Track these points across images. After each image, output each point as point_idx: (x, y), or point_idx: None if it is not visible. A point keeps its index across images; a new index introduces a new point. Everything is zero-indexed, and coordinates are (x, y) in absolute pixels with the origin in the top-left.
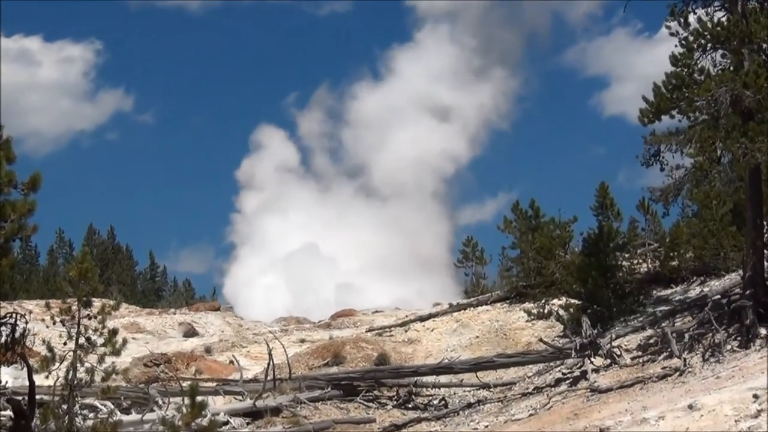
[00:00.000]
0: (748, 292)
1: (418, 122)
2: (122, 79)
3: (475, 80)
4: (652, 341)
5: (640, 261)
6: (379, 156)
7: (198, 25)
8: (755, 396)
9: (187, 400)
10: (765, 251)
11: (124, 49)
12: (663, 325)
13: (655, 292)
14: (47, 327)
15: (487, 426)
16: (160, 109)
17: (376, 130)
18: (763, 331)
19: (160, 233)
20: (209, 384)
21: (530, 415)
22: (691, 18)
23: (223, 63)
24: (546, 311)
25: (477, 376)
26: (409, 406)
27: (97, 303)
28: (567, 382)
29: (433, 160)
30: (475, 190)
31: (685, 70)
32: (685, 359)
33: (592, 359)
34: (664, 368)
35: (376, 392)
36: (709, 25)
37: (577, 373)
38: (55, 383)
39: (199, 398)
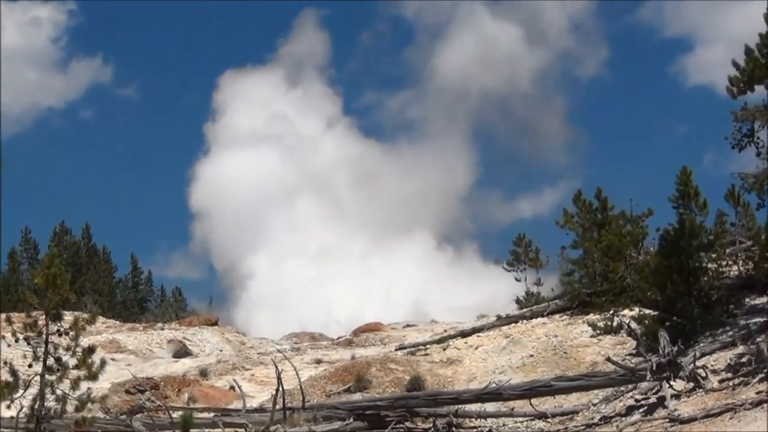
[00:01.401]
0: None
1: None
2: (99, 45)
3: None
4: (744, 360)
5: (730, 263)
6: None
7: None
8: None
9: None
10: None
11: (101, 9)
12: (758, 340)
13: (747, 300)
14: (8, 346)
15: None
16: (144, 81)
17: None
18: None
19: (144, 232)
20: (205, 414)
21: None
22: None
23: (221, 25)
24: (615, 324)
25: (531, 404)
26: None
27: (68, 316)
28: (641, 410)
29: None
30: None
31: None
32: None
33: (672, 382)
34: (758, 393)
35: (408, 424)
36: None
37: (653, 399)
38: (18, 414)
39: (193, 431)
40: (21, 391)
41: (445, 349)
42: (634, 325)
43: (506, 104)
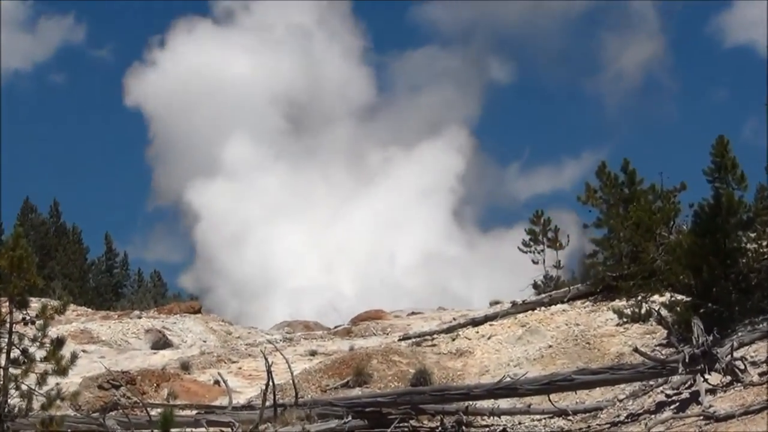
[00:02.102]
0: None
1: None
2: (71, 2)
3: None
4: None
5: None
6: None
7: None
8: None
9: None
10: None
11: None
12: None
13: None
14: None
15: None
16: (120, 42)
17: None
18: None
19: (121, 209)
20: (187, 412)
21: None
22: None
23: None
24: (643, 311)
25: (550, 400)
26: None
27: (35, 304)
28: (673, 406)
29: None
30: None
31: None
32: None
33: (707, 376)
34: None
35: (413, 422)
36: None
37: (686, 394)
38: None
39: (174, 431)
40: None
41: (454, 339)
42: (664, 312)
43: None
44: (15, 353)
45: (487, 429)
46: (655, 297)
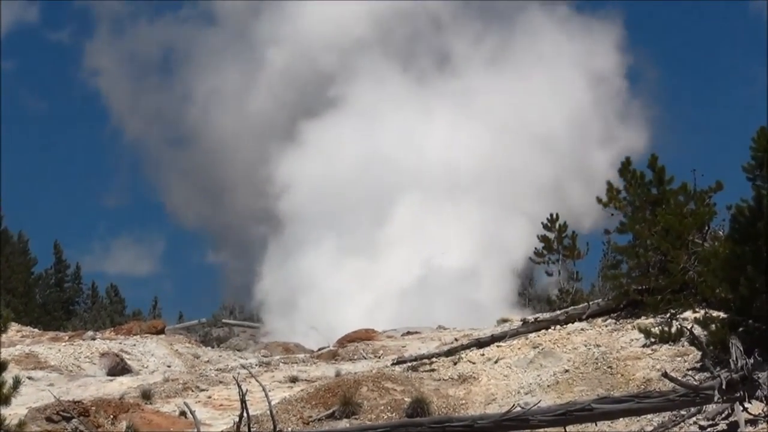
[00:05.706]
0: None
1: None
2: None
3: None
4: None
5: None
6: None
7: None
8: None
9: None
10: None
11: None
12: None
13: None
14: None
15: None
16: (80, 23)
17: None
18: None
19: (75, 214)
20: None
21: None
22: None
23: None
24: (674, 330)
25: None
26: None
27: None
28: None
29: None
30: None
31: None
32: None
33: (747, 404)
34: None
35: None
36: None
37: (722, 425)
38: None
39: None
40: None
41: (455, 363)
42: (698, 330)
43: None
44: None
45: None
46: (687, 313)
